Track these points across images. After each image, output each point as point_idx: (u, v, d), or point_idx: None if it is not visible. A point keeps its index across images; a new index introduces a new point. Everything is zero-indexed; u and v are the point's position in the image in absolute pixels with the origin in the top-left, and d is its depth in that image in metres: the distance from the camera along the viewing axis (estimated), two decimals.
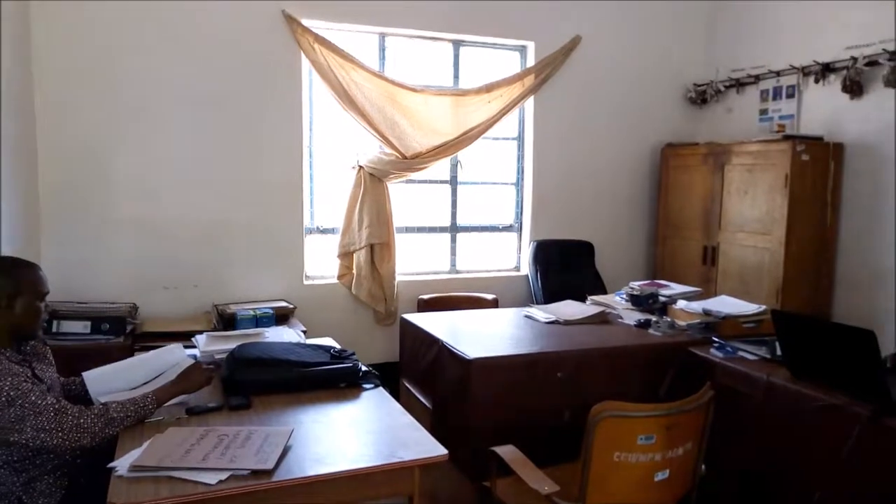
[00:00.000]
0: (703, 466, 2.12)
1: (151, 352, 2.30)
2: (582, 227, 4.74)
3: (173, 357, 2.26)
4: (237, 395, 2.13)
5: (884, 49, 3.65)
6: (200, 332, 2.80)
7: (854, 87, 3.82)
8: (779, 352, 2.50)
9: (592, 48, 4.64)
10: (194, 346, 2.56)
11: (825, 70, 4.00)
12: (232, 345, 2.44)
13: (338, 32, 4.08)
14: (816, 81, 4.07)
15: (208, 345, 2.56)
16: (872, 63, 3.73)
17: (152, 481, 1.58)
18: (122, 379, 2.14)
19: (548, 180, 4.68)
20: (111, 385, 2.10)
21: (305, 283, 4.13)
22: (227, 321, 3.52)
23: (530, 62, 4.55)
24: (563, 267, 4.50)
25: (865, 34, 3.77)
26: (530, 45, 4.56)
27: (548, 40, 4.53)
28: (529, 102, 4.58)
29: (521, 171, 4.73)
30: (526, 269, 4.65)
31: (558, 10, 4.54)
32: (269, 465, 1.64)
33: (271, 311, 3.56)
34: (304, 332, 3.16)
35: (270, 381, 2.20)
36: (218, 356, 2.45)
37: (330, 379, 2.26)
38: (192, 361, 2.25)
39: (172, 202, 3.75)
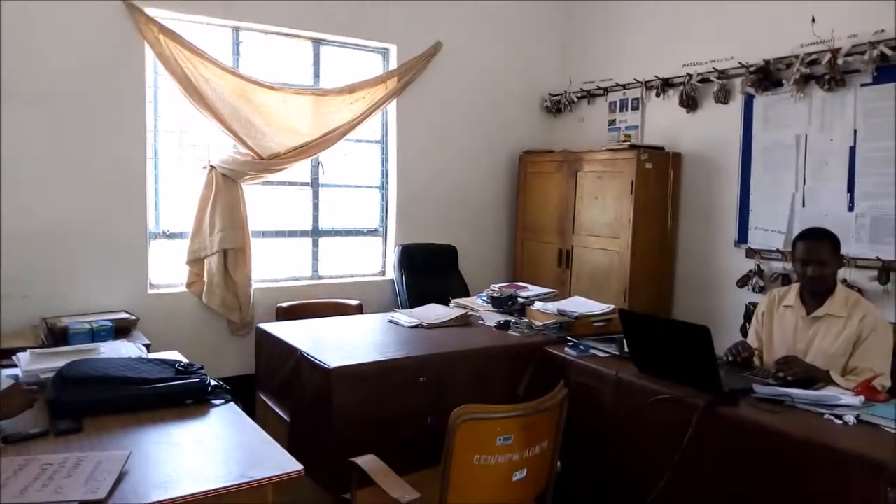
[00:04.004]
0: (558, 463, 2.18)
1: None
2: (446, 231, 4.79)
3: None
4: (65, 418, 1.92)
5: (714, 68, 4.00)
6: (24, 349, 2.50)
7: (690, 102, 4.16)
8: (626, 348, 2.65)
9: (454, 55, 4.70)
10: (15, 366, 2.28)
11: (665, 85, 4.33)
12: (61, 362, 2.19)
13: (188, 24, 3.84)
14: (658, 95, 4.39)
15: (32, 363, 2.29)
16: (705, 80, 4.08)
17: None
18: None
19: (412, 184, 4.68)
20: None
21: (150, 292, 3.84)
22: (58, 336, 3.17)
23: (393, 65, 4.54)
24: (428, 271, 4.52)
25: (699, 53, 4.12)
26: (392, 48, 4.54)
27: (410, 44, 4.54)
28: (392, 105, 4.56)
29: (385, 175, 4.70)
30: (391, 273, 4.62)
31: (420, 16, 4.56)
32: (101, 495, 1.47)
33: (110, 324, 3.25)
34: (148, 345, 2.93)
35: (104, 400, 1.99)
36: (44, 375, 2.19)
37: (174, 396, 2.08)
38: (11, 382, 2.00)
39: None
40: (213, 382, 2.18)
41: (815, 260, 2.53)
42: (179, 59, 3.70)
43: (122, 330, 3.35)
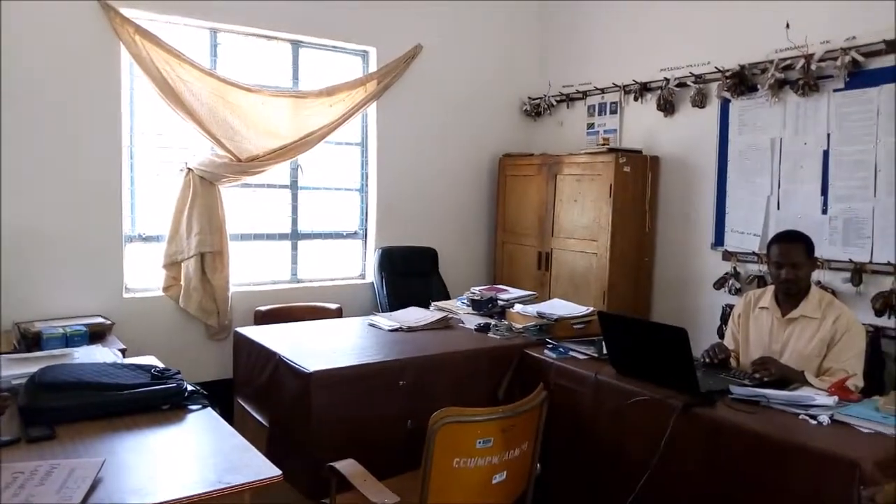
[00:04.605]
0: (538, 465, 2.18)
1: None
2: (426, 233, 4.78)
3: None
4: (38, 425, 1.88)
5: (691, 73, 4.05)
6: None
7: (667, 106, 4.20)
8: (605, 350, 2.66)
9: (433, 58, 4.70)
10: None
11: (643, 89, 4.37)
12: (33, 368, 2.16)
13: (164, 25, 3.80)
14: (636, 99, 4.43)
15: (4, 369, 2.24)
16: (682, 85, 4.13)
17: None
18: None
19: (392, 187, 4.67)
20: None
21: (125, 296, 3.78)
22: (31, 341, 3.11)
23: (373, 68, 4.53)
24: (408, 274, 4.51)
25: (677, 58, 4.16)
26: (372, 51, 4.53)
27: (389, 47, 4.53)
28: (372, 108, 4.55)
29: (365, 177, 4.68)
30: (371, 276, 4.60)
31: (399, 19, 4.56)
32: (74, 502, 1.44)
33: (84, 329, 3.20)
34: (123, 350, 2.88)
35: (78, 406, 1.96)
36: (16, 381, 2.14)
37: (150, 401, 2.05)
38: None
39: None
40: (189, 387, 2.16)
41: (789, 262, 2.57)
42: (156, 61, 3.66)
43: (96, 335, 3.29)
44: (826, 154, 3.46)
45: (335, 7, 4.30)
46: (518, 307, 3.34)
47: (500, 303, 3.48)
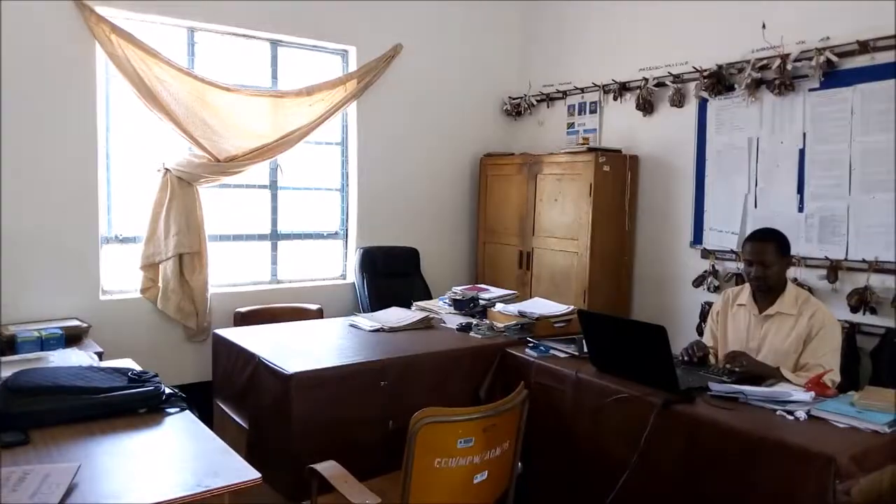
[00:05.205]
0: (519, 464, 2.19)
1: None
2: (408, 233, 4.77)
3: None
4: (11, 430, 1.85)
5: (669, 72, 4.08)
6: None
7: (646, 105, 4.23)
8: (586, 348, 2.67)
9: (414, 57, 4.69)
10: None
11: (622, 89, 4.40)
12: (7, 372, 2.12)
13: (141, 24, 3.75)
14: (615, 99, 4.46)
15: None
16: (661, 84, 4.16)
17: None
18: None
19: (373, 187, 4.65)
20: None
21: (102, 298, 3.73)
22: (4, 345, 3.06)
23: (352, 67, 4.51)
24: (389, 274, 4.49)
25: (655, 58, 4.20)
26: (352, 50, 4.51)
27: (369, 46, 4.52)
28: (352, 107, 4.53)
29: (345, 177, 4.66)
30: (352, 277, 4.58)
31: (379, 18, 4.54)
32: None
33: (60, 332, 3.15)
34: (100, 353, 2.85)
35: (53, 411, 1.93)
36: None
37: (126, 405, 2.03)
38: None
39: None
40: (167, 390, 2.14)
41: (759, 261, 2.60)
42: (132, 60, 3.61)
43: (73, 338, 3.24)
44: (802, 153, 3.50)
45: (314, 6, 4.27)
46: (499, 306, 3.34)
47: (482, 302, 3.48)
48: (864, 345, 3.22)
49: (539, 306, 3.32)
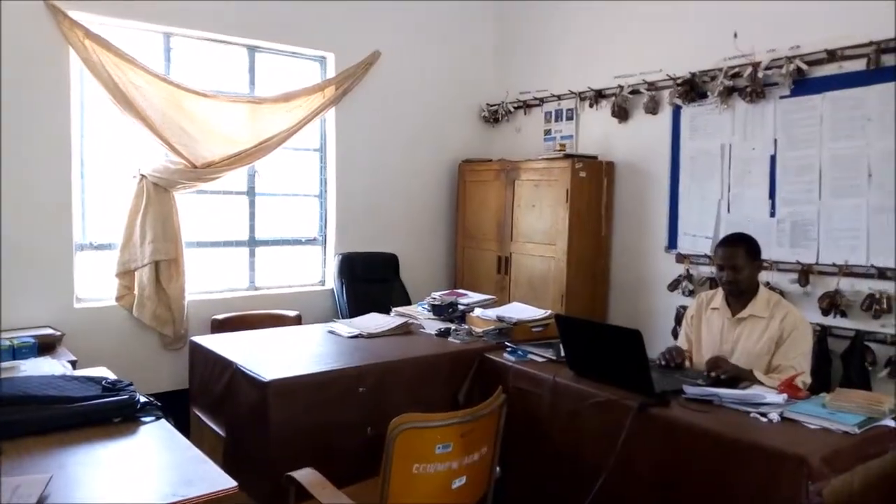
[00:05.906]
0: (497, 469, 2.20)
1: None
2: (387, 239, 4.77)
3: None
4: None
5: (644, 80, 4.14)
6: None
7: (621, 112, 4.28)
8: (563, 353, 2.69)
9: (392, 64, 4.71)
10: None
11: (598, 96, 4.45)
12: None
13: (116, 29, 3.72)
14: (591, 106, 4.51)
15: None
16: (636, 92, 4.21)
17: None
18: None
19: (352, 193, 4.65)
20: None
21: (76, 306, 3.67)
22: None
23: (331, 73, 4.50)
24: (369, 279, 4.49)
25: (630, 66, 4.25)
26: (330, 57, 4.51)
27: (348, 53, 4.52)
28: (331, 113, 4.53)
29: (324, 183, 4.65)
30: (331, 283, 4.57)
31: (357, 24, 4.55)
32: None
33: (33, 340, 3.09)
34: (74, 362, 2.80)
35: (24, 421, 1.89)
36: None
37: (100, 414, 1.99)
38: None
39: None
40: (142, 399, 2.11)
41: (730, 265, 2.66)
42: (107, 65, 3.57)
43: (46, 346, 3.19)
44: (773, 159, 3.57)
45: (292, 13, 4.26)
46: (478, 311, 3.35)
47: (461, 307, 3.49)
48: (835, 347, 3.28)
49: (517, 311, 3.34)
